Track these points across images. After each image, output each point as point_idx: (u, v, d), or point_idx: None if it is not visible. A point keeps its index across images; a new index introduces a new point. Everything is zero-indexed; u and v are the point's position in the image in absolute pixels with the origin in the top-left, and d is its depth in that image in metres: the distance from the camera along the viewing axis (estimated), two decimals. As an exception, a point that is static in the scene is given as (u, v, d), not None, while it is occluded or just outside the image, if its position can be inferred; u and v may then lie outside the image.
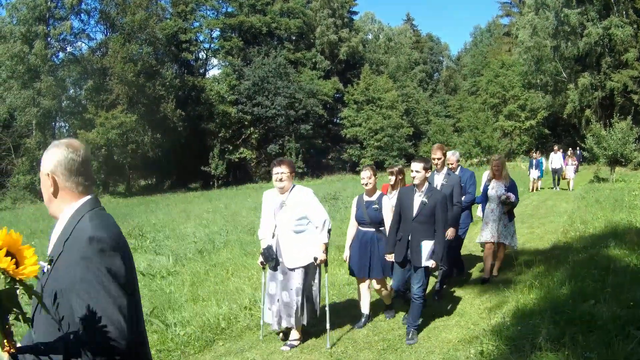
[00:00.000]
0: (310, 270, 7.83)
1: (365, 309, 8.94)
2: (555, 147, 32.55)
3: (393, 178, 9.78)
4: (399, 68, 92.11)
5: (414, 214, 7.87)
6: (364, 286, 8.88)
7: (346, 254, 8.95)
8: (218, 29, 78.05)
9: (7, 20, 59.68)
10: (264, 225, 8.08)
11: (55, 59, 62.70)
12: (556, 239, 14.62)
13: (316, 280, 8.02)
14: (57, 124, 67.13)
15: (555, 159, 31.18)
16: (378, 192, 8.91)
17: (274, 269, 7.81)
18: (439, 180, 10.03)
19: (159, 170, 67.03)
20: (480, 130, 62.88)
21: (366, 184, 8.67)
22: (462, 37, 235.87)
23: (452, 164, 10.83)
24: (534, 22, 64.50)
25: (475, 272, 12.05)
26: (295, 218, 7.70)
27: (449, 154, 10.87)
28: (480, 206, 12.64)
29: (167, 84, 66.03)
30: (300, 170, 66.63)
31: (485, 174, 12.32)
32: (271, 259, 7.73)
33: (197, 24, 77.51)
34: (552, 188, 31.57)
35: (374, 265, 8.54)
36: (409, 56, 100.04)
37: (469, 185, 10.82)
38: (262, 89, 69.61)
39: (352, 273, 8.93)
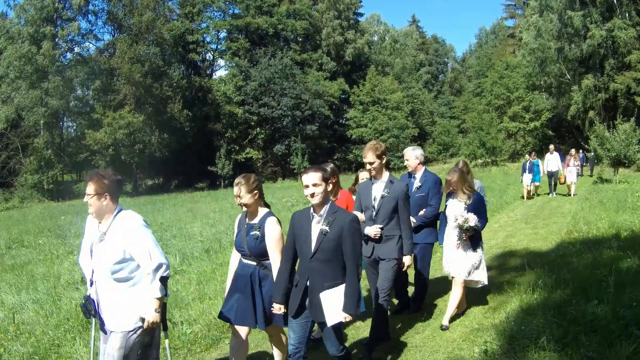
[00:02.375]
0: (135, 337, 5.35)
1: None
2: (551, 147, 28.61)
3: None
4: (404, 69, 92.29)
5: (312, 250, 5.62)
6: (237, 338, 6.41)
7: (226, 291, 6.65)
8: (225, 30, 78.45)
9: (15, 21, 60.30)
10: (83, 257, 5.90)
11: (63, 60, 63.20)
12: (560, 240, 14.56)
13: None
14: (64, 123, 67.69)
15: (552, 161, 27.69)
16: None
17: (102, 328, 5.56)
18: (377, 191, 7.68)
19: (166, 170, 67.26)
20: (485, 132, 62.82)
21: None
22: (467, 39, 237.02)
23: (411, 167, 9.11)
24: (538, 24, 64.73)
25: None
26: (114, 261, 5.22)
27: (407, 150, 9.21)
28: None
29: (174, 84, 66.57)
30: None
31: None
32: (90, 314, 5.49)
33: (204, 25, 77.94)
34: (548, 194, 28.45)
35: (258, 312, 6.18)
36: (415, 57, 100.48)
37: (432, 194, 8.87)
38: (268, 90, 70.00)
39: (224, 318, 6.39)
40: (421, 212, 8.84)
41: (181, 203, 38.42)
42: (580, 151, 40.24)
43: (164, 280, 5.29)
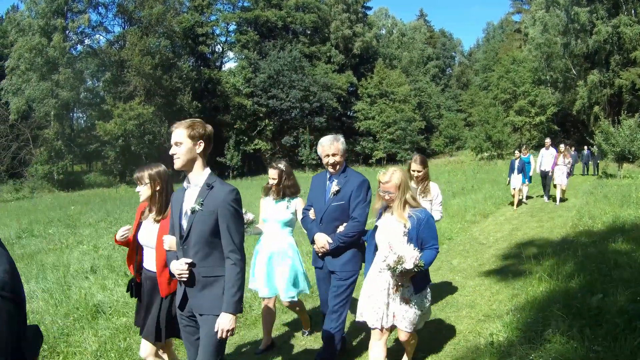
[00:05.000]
0: None
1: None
2: (547, 141, 23.36)
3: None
4: (411, 63, 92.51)
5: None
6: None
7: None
8: (234, 23, 78.82)
9: (25, 14, 60.57)
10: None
11: (73, 52, 63.60)
12: (565, 233, 14.47)
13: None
14: (75, 115, 68.01)
15: (547, 158, 22.40)
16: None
17: None
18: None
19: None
20: (491, 125, 62.99)
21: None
22: (475, 33, 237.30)
23: (339, 163, 6.64)
24: (545, 20, 64.81)
25: (485, 263, 12.07)
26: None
27: (328, 140, 6.57)
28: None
29: (184, 76, 66.83)
30: (313, 162, 67.76)
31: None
32: None
33: (214, 17, 78.19)
34: (542, 197, 23.83)
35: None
36: (422, 51, 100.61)
37: (355, 203, 6.48)
38: (277, 82, 70.46)
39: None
40: (340, 228, 6.47)
41: (190, 193, 38.40)
42: (585, 147, 40.02)
43: None
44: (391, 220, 5.79)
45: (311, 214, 6.81)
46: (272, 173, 7.31)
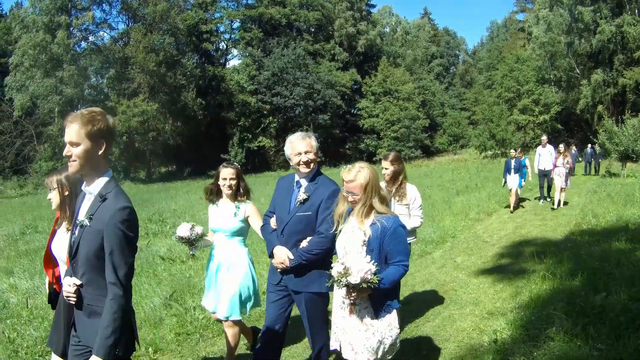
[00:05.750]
0: None
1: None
2: (544, 139, 21.61)
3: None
4: (415, 61, 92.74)
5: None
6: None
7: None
8: (238, 20, 78.93)
9: (29, 11, 60.65)
10: None
11: (77, 48, 63.74)
12: (569, 232, 14.55)
13: None
14: (79, 111, 68.05)
15: (545, 156, 20.87)
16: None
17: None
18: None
19: (179, 158, 67.56)
20: (495, 124, 63.01)
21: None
22: (479, 32, 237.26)
23: (312, 165, 5.71)
24: (548, 18, 64.89)
25: (489, 261, 12.03)
26: None
27: (300, 138, 5.63)
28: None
29: (188, 73, 66.92)
30: (318, 159, 67.52)
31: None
32: None
33: (218, 15, 78.43)
34: (539, 200, 21.98)
35: None
36: (426, 49, 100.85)
37: (323, 215, 5.44)
38: (281, 80, 70.47)
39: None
40: (304, 243, 5.48)
41: (194, 190, 38.55)
42: (589, 146, 39.10)
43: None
44: (354, 226, 4.85)
45: (272, 222, 5.83)
46: (229, 173, 6.60)
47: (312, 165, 5.64)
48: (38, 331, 7.76)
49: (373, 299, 4.57)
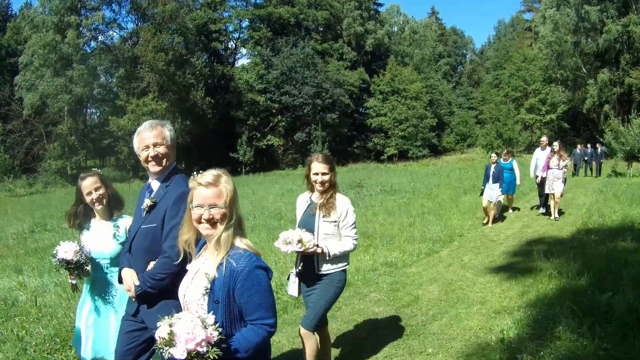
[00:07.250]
0: None
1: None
2: (543, 139, 18.99)
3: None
4: (423, 60, 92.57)
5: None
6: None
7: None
8: (247, 20, 79.14)
9: (39, 11, 60.84)
10: None
11: (87, 48, 64.15)
12: (575, 231, 14.45)
13: None
14: (88, 110, 68.30)
15: (543, 160, 17.80)
16: None
17: None
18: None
19: (188, 156, 67.58)
20: (502, 123, 62.97)
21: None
22: (486, 31, 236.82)
23: (152, 157, 4.64)
24: (555, 18, 64.85)
25: (496, 260, 11.98)
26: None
27: (142, 126, 4.72)
28: None
29: (197, 72, 67.03)
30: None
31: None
32: None
33: (227, 14, 78.80)
34: (537, 208, 19.24)
35: None
36: (434, 49, 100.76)
37: (168, 227, 4.34)
38: (289, 79, 70.59)
39: None
40: (150, 265, 4.39)
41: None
42: (597, 145, 38.87)
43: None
44: (201, 263, 3.42)
45: None
46: (91, 182, 5.36)
47: (164, 161, 4.61)
48: (47, 329, 7.69)
49: None
